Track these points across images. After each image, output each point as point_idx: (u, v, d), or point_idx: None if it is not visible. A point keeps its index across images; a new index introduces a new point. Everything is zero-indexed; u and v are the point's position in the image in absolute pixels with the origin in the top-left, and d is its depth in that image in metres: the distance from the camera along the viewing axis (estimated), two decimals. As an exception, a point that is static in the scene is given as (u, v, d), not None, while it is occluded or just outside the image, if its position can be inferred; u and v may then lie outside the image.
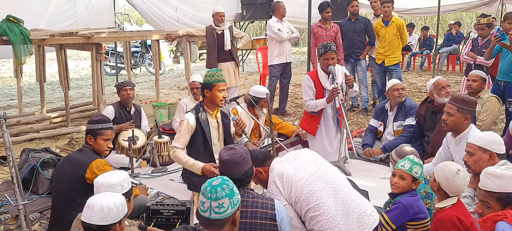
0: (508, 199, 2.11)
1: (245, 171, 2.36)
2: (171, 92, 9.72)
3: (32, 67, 11.29)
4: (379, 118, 4.95)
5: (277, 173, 2.47)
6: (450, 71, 11.41)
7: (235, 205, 1.98)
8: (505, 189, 2.12)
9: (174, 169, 4.66)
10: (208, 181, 2.01)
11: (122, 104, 4.98)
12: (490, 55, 5.17)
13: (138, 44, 13.43)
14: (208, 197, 1.94)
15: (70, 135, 5.97)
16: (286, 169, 2.46)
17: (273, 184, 2.46)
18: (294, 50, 19.33)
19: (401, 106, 4.75)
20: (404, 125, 4.68)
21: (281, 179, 2.43)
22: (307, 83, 4.53)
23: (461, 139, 3.34)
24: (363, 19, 7.03)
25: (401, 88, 4.76)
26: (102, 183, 2.37)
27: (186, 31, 6.92)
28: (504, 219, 2.03)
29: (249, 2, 9.76)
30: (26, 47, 5.62)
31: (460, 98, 3.39)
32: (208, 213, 1.94)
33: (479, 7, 12.67)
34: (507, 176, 2.13)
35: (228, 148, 2.47)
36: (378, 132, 4.92)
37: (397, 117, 4.76)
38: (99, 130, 3.12)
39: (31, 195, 3.97)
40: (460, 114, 3.32)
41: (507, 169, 2.19)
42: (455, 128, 3.39)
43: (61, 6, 7.66)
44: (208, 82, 3.43)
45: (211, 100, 3.46)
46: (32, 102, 8.74)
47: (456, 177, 2.41)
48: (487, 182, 2.18)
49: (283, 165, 2.51)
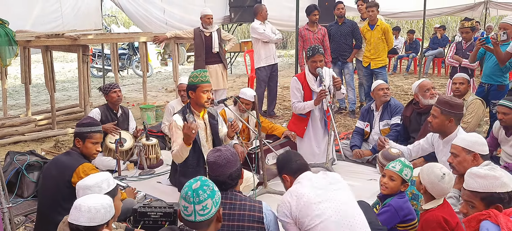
0: (491, 198, 2.15)
1: (229, 174, 2.36)
2: (159, 94, 9.68)
3: (17, 69, 11.16)
4: (365, 119, 5.00)
5: (297, 193, 2.32)
6: (436, 74, 11.56)
7: (218, 203, 1.99)
8: (488, 189, 2.15)
9: (162, 172, 4.64)
10: (187, 185, 1.99)
11: (109, 107, 4.93)
12: (474, 58, 5.27)
13: (126, 46, 13.34)
14: (190, 202, 1.93)
15: (56, 138, 5.91)
16: (309, 195, 2.29)
17: (287, 204, 2.32)
18: (282, 53, 19.41)
19: (387, 106, 4.82)
20: (390, 124, 4.75)
21: (298, 202, 2.28)
22: (295, 86, 4.57)
23: (449, 142, 3.34)
24: (350, 22, 7.11)
25: (385, 88, 4.84)
26: (79, 186, 2.36)
27: (174, 33, 6.90)
28: (488, 218, 2.07)
29: (237, 4, 9.78)
30: (11, 49, 5.54)
31: (444, 100, 3.44)
32: (192, 217, 1.94)
33: (463, 11, 12.91)
34: (490, 176, 2.17)
35: (214, 150, 2.48)
36: (365, 133, 4.97)
37: (383, 116, 4.82)
38: (88, 133, 3.09)
39: (16, 198, 3.92)
40: (443, 117, 3.38)
41: (490, 169, 2.23)
42: (440, 129, 3.44)
43: (47, 8, 7.58)
44: (192, 83, 3.45)
45: (196, 101, 3.48)
46: (17, 104, 8.62)
47: (441, 182, 2.45)
48: (471, 182, 2.21)
49: (308, 189, 2.33)
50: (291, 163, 2.51)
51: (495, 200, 2.15)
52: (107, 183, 2.40)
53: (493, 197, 2.15)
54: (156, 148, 4.82)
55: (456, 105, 3.40)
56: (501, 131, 4.02)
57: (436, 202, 2.49)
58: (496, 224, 2.04)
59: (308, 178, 2.43)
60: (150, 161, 4.75)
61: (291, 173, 2.50)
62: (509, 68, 4.97)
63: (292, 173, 2.50)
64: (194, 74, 3.49)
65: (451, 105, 3.39)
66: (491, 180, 2.16)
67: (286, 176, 2.52)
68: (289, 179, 2.51)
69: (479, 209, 2.19)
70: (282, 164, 2.57)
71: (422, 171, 2.55)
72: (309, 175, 2.45)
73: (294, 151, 2.61)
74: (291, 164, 2.51)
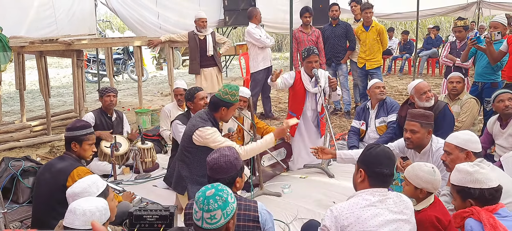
0: (463, 192, 2.26)
1: (228, 177, 2.37)
2: (154, 99, 9.67)
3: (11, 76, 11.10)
4: (360, 117, 5.04)
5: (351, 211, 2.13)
6: (430, 74, 11.62)
7: (229, 215, 1.94)
8: (461, 183, 2.26)
9: (157, 175, 4.63)
10: (202, 190, 1.96)
11: (103, 111, 4.93)
12: (465, 58, 5.31)
13: (120, 51, 13.33)
14: (200, 208, 1.92)
15: (51, 143, 5.89)
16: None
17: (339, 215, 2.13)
18: (277, 56, 19.46)
19: (382, 104, 4.88)
20: (387, 121, 4.79)
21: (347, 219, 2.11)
22: (290, 74, 4.64)
23: (425, 153, 3.32)
24: (344, 24, 7.14)
25: (382, 86, 4.91)
26: (68, 194, 2.37)
27: (168, 37, 6.91)
28: (471, 215, 2.14)
29: (231, 8, 9.81)
30: (5, 55, 5.53)
31: (420, 114, 3.32)
32: (200, 222, 1.92)
33: (456, 11, 13.01)
34: (464, 171, 2.26)
35: (217, 151, 2.47)
36: (361, 131, 4.99)
37: (379, 114, 4.87)
38: (84, 136, 3.13)
39: (11, 204, 3.90)
40: (424, 130, 3.26)
41: (473, 165, 2.28)
42: (419, 143, 3.31)
43: (41, 13, 7.54)
44: (229, 101, 3.35)
45: (222, 117, 3.42)
46: (12, 111, 8.58)
47: (435, 175, 2.52)
48: (451, 175, 2.35)
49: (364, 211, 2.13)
50: (377, 166, 2.21)
51: (466, 194, 2.24)
52: (96, 186, 2.40)
53: (464, 191, 2.25)
54: (151, 152, 4.82)
55: (430, 116, 3.32)
56: (495, 125, 4.05)
57: (427, 201, 2.52)
58: (479, 221, 2.09)
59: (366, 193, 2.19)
60: (145, 165, 4.75)
61: (369, 176, 2.23)
62: (500, 67, 5.03)
63: (371, 177, 2.22)
64: (233, 93, 3.34)
65: (428, 117, 3.29)
66: (464, 175, 2.25)
67: (362, 172, 2.25)
68: (362, 178, 2.25)
69: (457, 202, 2.31)
70: (369, 158, 2.25)
71: (413, 178, 2.54)
72: (366, 196, 2.19)
73: (391, 154, 2.28)
74: (376, 168, 2.21)
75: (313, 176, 4.47)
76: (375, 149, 2.27)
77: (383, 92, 4.89)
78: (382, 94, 4.87)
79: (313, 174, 4.51)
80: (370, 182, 2.22)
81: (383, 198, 2.18)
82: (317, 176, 4.46)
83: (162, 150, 5.50)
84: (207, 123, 3.31)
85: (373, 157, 2.24)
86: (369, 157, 2.25)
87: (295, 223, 3.45)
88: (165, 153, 5.44)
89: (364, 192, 2.20)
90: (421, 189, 2.52)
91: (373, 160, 2.22)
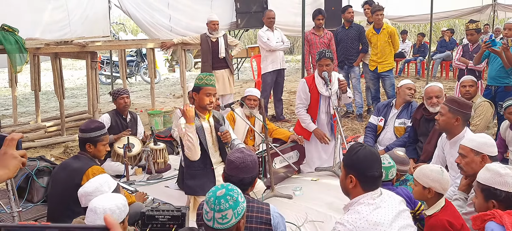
0: (488, 192, 2.22)
1: (242, 178, 2.39)
2: (167, 100, 9.73)
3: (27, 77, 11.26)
4: (380, 113, 4.88)
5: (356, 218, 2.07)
6: (444, 78, 11.50)
7: (240, 215, 1.96)
8: (488, 183, 2.23)
9: (170, 176, 4.66)
10: (212, 191, 1.98)
11: (118, 112, 4.98)
12: (478, 60, 5.24)
13: (133, 53, 13.44)
14: (211, 208, 1.93)
15: (65, 144, 5.96)
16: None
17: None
18: (289, 58, 19.41)
19: (408, 106, 4.73)
20: (407, 124, 4.65)
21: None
22: (301, 88, 4.58)
23: (456, 142, 3.34)
24: (357, 27, 7.11)
25: (414, 88, 4.78)
26: (81, 194, 2.41)
27: (181, 39, 6.96)
28: (493, 218, 2.09)
29: (243, 10, 9.82)
30: (21, 56, 5.62)
31: (452, 99, 3.47)
32: (211, 223, 1.94)
33: (471, 14, 12.82)
34: (495, 172, 2.22)
35: (238, 150, 2.50)
36: (378, 127, 4.85)
37: (401, 114, 4.72)
38: (98, 137, 3.18)
39: (26, 203, 3.96)
40: (450, 115, 3.37)
41: (506, 168, 2.26)
42: (446, 128, 3.43)
43: (55, 16, 7.66)
44: (197, 85, 3.50)
45: (199, 103, 3.51)
46: (27, 112, 8.71)
47: (443, 174, 2.52)
48: (480, 173, 2.31)
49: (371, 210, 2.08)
50: (368, 171, 2.12)
51: (491, 195, 2.21)
52: (108, 185, 2.46)
53: (489, 191, 2.21)
54: (163, 153, 4.85)
55: (464, 105, 3.41)
56: (508, 131, 4.00)
57: (438, 204, 2.51)
58: (501, 225, 2.05)
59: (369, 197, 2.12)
60: (158, 166, 4.78)
61: (361, 181, 2.14)
62: (514, 70, 4.95)
63: (363, 182, 2.14)
64: (200, 77, 3.54)
65: (459, 104, 3.40)
66: (494, 175, 2.22)
67: (353, 178, 2.14)
68: (354, 184, 2.15)
69: (479, 200, 2.28)
70: (358, 163, 2.14)
71: (421, 178, 2.55)
72: (370, 199, 2.12)
73: (377, 154, 2.21)
74: (367, 172, 2.12)
75: (325, 178, 4.45)
76: (362, 152, 2.14)
77: (412, 94, 4.75)
78: (411, 97, 4.74)
79: (324, 177, 4.49)
80: (363, 186, 2.13)
81: (380, 197, 2.13)
82: (329, 179, 4.44)
83: (174, 151, 5.53)
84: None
85: (361, 161, 2.12)
86: (357, 162, 2.13)
87: (306, 225, 3.43)
88: (177, 153, 5.48)
89: (365, 197, 2.11)
90: (429, 189, 2.51)
91: (362, 165, 2.12)
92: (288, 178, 4.47)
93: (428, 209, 2.53)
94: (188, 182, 3.47)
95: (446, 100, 3.52)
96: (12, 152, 1.36)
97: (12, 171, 1.34)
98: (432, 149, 3.89)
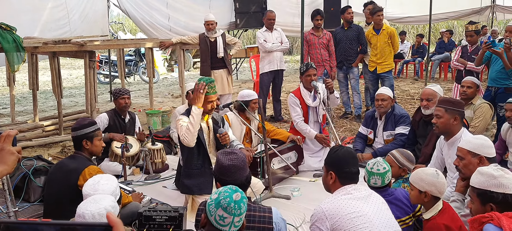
0: (484, 196, 2.19)
1: (246, 176, 2.37)
2: (165, 100, 9.71)
3: (24, 76, 11.26)
4: (368, 125, 4.90)
5: (335, 207, 2.21)
6: (442, 79, 11.50)
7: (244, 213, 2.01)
8: (483, 186, 2.20)
9: (167, 176, 4.65)
10: (227, 195, 1.93)
11: (116, 112, 4.96)
12: (480, 62, 5.24)
13: (132, 52, 13.43)
14: (232, 213, 1.90)
15: (62, 143, 5.94)
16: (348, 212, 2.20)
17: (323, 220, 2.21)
18: (288, 58, 19.41)
19: (390, 115, 4.68)
20: (394, 134, 4.64)
21: (332, 218, 2.18)
22: (293, 101, 4.74)
23: (454, 143, 3.35)
24: (356, 27, 7.10)
25: (381, 99, 4.65)
26: (87, 192, 2.40)
27: (179, 39, 6.95)
28: (491, 221, 2.07)
29: (242, 10, 9.81)
30: (19, 55, 5.59)
31: (446, 100, 3.49)
32: (227, 228, 1.92)
33: (470, 15, 12.85)
34: (488, 174, 2.20)
35: (226, 152, 2.46)
36: (369, 139, 4.91)
37: (386, 126, 4.71)
38: (93, 132, 3.19)
39: (23, 202, 3.93)
40: (448, 115, 3.37)
41: (496, 169, 2.24)
42: (446, 129, 3.42)
43: (54, 14, 7.63)
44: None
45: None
46: (25, 111, 8.69)
47: (438, 177, 2.52)
48: (473, 177, 2.28)
49: (354, 202, 2.23)
50: (345, 167, 2.32)
51: (487, 198, 2.18)
52: (116, 189, 2.45)
53: (485, 195, 2.19)
54: (161, 153, 4.84)
55: (458, 103, 3.45)
56: (509, 132, 3.99)
57: (436, 208, 2.50)
58: (499, 227, 2.03)
59: (349, 192, 2.28)
60: (155, 166, 4.77)
61: (339, 177, 2.33)
62: (515, 71, 4.95)
63: (341, 177, 2.33)
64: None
65: (454, 103, 3.42)
66: (488, 178, 2.20)
67: (333, 174, 2.34)
68: (333, 179, 2.34)
69: (476, 205, 2.25)
70: (337, 161, 2.36)
71: (417, 182, 2.55)
72: (351, 191, 2.29)
73: (354, 153, 2.45)
74: (345, 168, 2.32)
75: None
76: (340, 151, 2.40)
77: (381, 105, 4.61)
78: (379, 108, 4.63)
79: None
80: (341, 181, 2.33)
81: (354, 187, 2.31)
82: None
83: (172, 151, 5.52)
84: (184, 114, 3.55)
85: (339, 159, 2.36)
86: (336, 160, 2.37)
87: (304, 226, 3.43)
88: (175, 154, 5.46)
89: (342, 189, 2.30)
90: (425, 193, 2.51)
91: (341, 162, 2.34)
92: (287, 178, 4.47)
93: (426, 212, 2.52)
94: (185, 181, 3.46)
95: (439, 103, 3.50)
96: (9, 148, 1.39)
97: (10, 166, 1.38)
98: (430, 151, 3.89)
